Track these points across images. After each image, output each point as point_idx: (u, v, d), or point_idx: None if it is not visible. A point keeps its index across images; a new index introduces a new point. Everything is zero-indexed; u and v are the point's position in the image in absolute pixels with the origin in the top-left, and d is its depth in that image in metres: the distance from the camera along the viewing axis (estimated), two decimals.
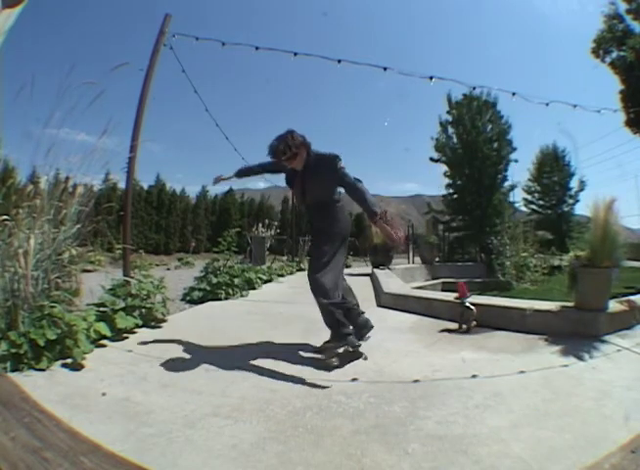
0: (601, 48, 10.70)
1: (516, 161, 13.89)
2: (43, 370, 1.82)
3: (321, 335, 2.72)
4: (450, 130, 14.10)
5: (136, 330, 2.67)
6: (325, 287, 2.11)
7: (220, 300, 4.33)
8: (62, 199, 2.43)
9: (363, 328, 2.33)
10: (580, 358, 2.07)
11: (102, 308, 2.51)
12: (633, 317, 2.65)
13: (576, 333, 2.47)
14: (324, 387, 1.73)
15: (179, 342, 2.45)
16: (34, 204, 2.28)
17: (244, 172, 2.66)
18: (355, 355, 2.14)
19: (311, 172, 2.22)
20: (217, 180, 2.74)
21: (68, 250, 2.37)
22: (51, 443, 0.83)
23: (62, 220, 2.40)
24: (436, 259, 10.31)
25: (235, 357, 2.17)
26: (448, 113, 14.09)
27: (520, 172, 19.96)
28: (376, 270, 7.10)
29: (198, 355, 2.19)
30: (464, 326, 2.78)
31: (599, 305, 2.56)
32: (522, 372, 1.88)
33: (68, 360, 1.94)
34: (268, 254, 10.14)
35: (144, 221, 30.57)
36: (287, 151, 2.15)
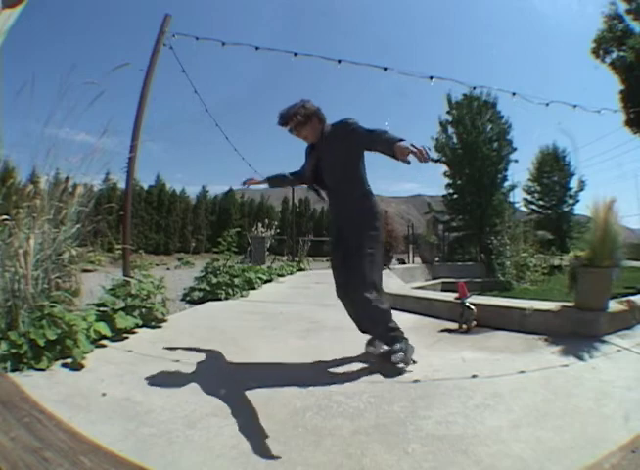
0: (601, 48, 10.72)
1: (516, 161, 13.93)
2: (43, 370, 1.81)
3: (321, 335, 2.73)
4: (450, 130, 14.13)
5: (136, 330, 2.67)
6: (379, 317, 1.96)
7: (220, 300, 4.33)
8: (62, 199, 2.43)
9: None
10: (580, 358, 2.07)
11: (102, 308, 2.51)
12: (633, 317, 2.65)
13: (576, 333, 2.47)
14: (324, 387, 1.73)
15: (179, 342, 2.45)
16: (34, 204, 2.28)
17: (276, 181, 2.37)
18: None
19: (327, 145, 2.00)
20: (247, 183, 2.44)
21: (68, 250, 2.37)
22: (51, 443, 0.83)
23: (62, 220, 2.40)
24: (436, 259, 10.32)
25: (235, 358, 2.17)
26: (448, 113, 14.13)
27: (520, 172, 20.00)
28: None
29: (197, 355, 2.19)
30: (464, 326, 2.78)
31: (599, 305, 2.55)
32: (522, 372, 1.88)
33: (68, 360, 1.94)
34: (268, 254, 10.15)
35: (144, 221, 30.59)
36: (295, 117, 1.95)
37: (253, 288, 5.35)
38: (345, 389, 1.71)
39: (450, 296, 3.23)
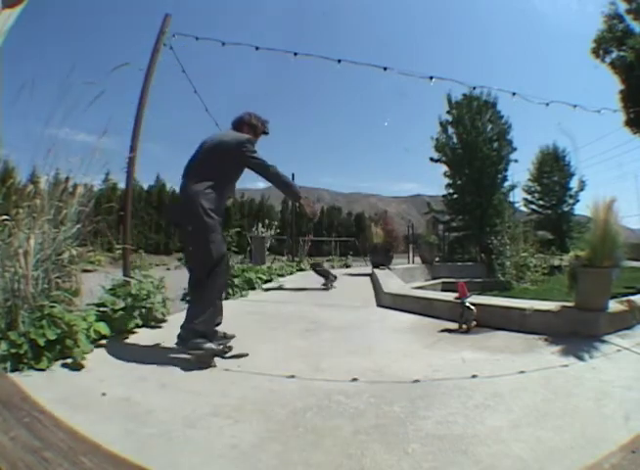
0: (601, 48, 10.72)
1: (516, 161, 13.94)
2: (43, 370, 1.81)
3: (322, 335, 2.73)
4: (450, 130, 14.13)
5: (136, 330, 2.67)
6: None
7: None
8: (62, 199, 2.43)
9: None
10: (580, 358, 2.07)
11: (102, 308, 2.51)
12: (633, 317, 2.65)
13: (576, 333, 2.47)
14: (324, 387, 1.74)
15: None
16: (34, 204, 2.28)
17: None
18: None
19: None
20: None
21: (68, 250, 2.37)
22: (51, 443, 0.83)
23: (62, 220, 2.40)
24: (436, 259, 10.31)
25: (235, 358, 2.17)
26: (448, 113, 14.12)
27: (520, 172, 20.03)
28: (376, 270, 7.10)
29: None
30: (464, 326, 2.78)
31: (599, 305, 2.56)
32: (522, 372, 1.88)
33: (68, 360, 1.93)
34: (268, 254, 10.13)
35: (144, 221, 30.64)
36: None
37: (253, 288, 5.34)
38: (345, 389, 1.71)
39: (450, 296, 3.22)
